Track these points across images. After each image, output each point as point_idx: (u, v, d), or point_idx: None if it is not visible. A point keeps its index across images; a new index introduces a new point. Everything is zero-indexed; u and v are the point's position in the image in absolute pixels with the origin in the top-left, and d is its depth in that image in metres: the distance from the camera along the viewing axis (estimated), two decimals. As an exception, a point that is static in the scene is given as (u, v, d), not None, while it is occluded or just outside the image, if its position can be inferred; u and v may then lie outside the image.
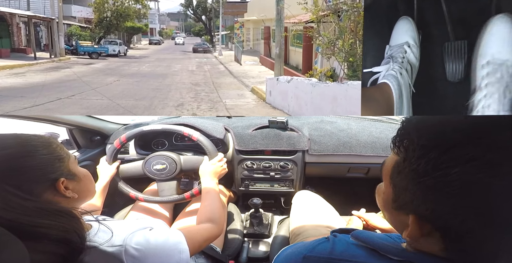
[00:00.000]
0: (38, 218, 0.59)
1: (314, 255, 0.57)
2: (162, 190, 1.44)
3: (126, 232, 0.76)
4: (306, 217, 1.35)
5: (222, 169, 1.37)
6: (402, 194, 0.50)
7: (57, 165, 0.71)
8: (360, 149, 1.72)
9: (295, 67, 8.86)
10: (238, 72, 8.90)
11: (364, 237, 0.57)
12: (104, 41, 11.19)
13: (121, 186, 1.44)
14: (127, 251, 0.73)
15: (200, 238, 0.95)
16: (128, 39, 13.36)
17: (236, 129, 1.83)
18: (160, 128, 1.43)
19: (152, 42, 15.61)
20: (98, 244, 0.70)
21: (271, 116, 1.91)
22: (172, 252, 0.80)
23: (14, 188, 0.61)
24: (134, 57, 11.27)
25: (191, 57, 12.37)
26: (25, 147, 0.68)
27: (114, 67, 9.23)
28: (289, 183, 1.84)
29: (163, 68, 9.35)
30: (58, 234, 0.60)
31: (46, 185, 0.68)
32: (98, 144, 1.91)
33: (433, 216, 0.47)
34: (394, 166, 0.51)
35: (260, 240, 1.69)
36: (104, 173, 1.37)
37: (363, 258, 0.54)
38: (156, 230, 0.83)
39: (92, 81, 6.95)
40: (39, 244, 0.57)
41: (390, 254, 0.52)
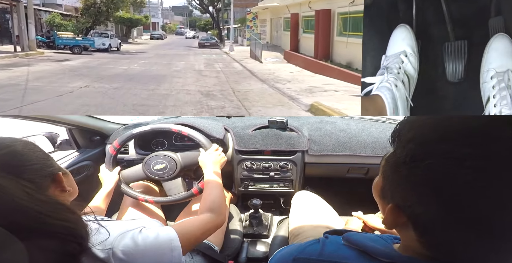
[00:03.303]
0: (51, 212, 0.59)
1: (303, 257, 0.57)
2: (169, 189, 1.43)
3: (116, 234, 0.76)
4: (305, 218, 1.35)
5: (221, 157, 1.37)
6: (387, 184, 0.53)
7: (50, 161, 0.75)
8: (359, 150, 1.72)
9: (345, 65, 6.50)
10: (262, 73, 6.79)
11: (355, 239, 0.57)
12: (93, 33, 9.39)
13: (127, 191, 1.43)
14: (114, 254, 0.72)
15: (196, 230, 0.93)
16: (126, 32, 11.71)
17: (236, 129, 1.83)
18: (149, 129, 1.43)
19: (154, 37, 14.10)
20: (91, 245, 0.70)
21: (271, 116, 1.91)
22: (163, 251, 0.79)
23: (26, 182, 0.62)
24: (128, 53, 9.55)
25: (197, 53, 10.57)
26: (23, 142, 0.71)
27: (95, 65, 7.28)
28: (288, 183, 1.84)
29: (161, 67, 7.31)
30: (63, 232, 0.59)
31: (49, 179, 0.71)
32: (97, 144, 1.91)
33: (404, 205, 0.49)
34: (386, 157, 0.55)
35: (260, 241, 1.69)
36: (108, 180, 1.37)
37: (352, 259, 0.54)
38: (146, 230, 0.81)
39: (42, 88, 4.82)
40: (44, 243, 0.56)
41: (380, 256, 0.52)
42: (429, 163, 0.45)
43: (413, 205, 0.48)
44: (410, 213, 0.49)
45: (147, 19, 12.17)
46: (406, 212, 0.49)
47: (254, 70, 7.10)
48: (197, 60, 8.84)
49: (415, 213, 0.48)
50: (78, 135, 1.86)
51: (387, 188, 0.53)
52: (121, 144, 1.43)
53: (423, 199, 0.46)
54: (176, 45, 11.96)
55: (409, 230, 0.50)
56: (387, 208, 0.52)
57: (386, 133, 1.79)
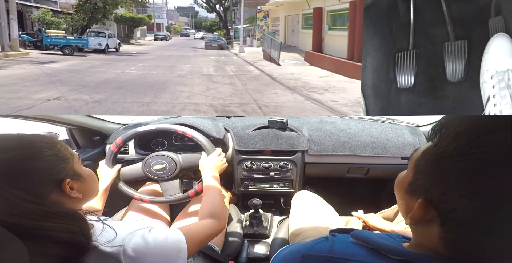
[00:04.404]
0: (45, 221, 0.58)
1: (313, 254, 0.57)
2: (165, 190, 1.44)
3: (126, 233, 0.76)
4: (305, 218, 1.35)
5: (222, 163, 1.37)
6: (420, 178, 0.52)
7: (62, 166, 0.70)
8: (359, 150, 1.72)
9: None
10: (285, 78, 5.51)
11: (364, 236, 0.57)
12: (90, 32, 8.37)
13: (123, 189, 1.44)
14: (125, 251, 0.73)
15: (201, 235, 0.94)
16: (128, 32, 10.82)
17: (236, 129, 1.83)
18: (154, 128, 1.43)
19: (158, 38, 13.13)
20: (99, 244, 0.70)
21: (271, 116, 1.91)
22: (171, 251, 0.80)
23: (20, 191, 0.59)
24: (128, 54, 8.61)
25: (204, 54, 9.48)
26: (29, 149, 0.67)
27: (84, 68, 6.13)
28: (288, 183, 1.84)
29: (163, 71, 6.07)
30: (65, 236, 0.59)
31: (52, 186, 0.68)
32: (97, 144, 1.91)
33: (439, 200, 0.48)
34: (423, 151, 0.53)
35: (260, 241, 1.68)
36: (105, 176, 1.37)
37: (363, 257, 0.53)
38: (155, 230, 0.83)
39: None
40: (45, 247, 0.57)
41: (390, 253, 0.52)
42: (478, 157, 0.44)
43: (452, 200, 0.46)
44: (443, 208, 0.48)
45: (150, 18, 11.23)
46: (439, 207, 0.48)
47: (274, 75, 5.85)
48: (204, 62, 7.67)
49: (451, 208, 0.47)
50: (78, 135, 1.86)
51: (420, 182, 0.51)
52: (124, 141, 1.43)
53: (464, 194, 0.45)
54: (182, 46, 11.03)
55: (432, 226, 0.49)
56: (417, 203, 0.50)
57: (386, 133, 1.79)
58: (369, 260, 0.53)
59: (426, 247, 0.51)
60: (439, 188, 0.48)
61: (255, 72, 6.47)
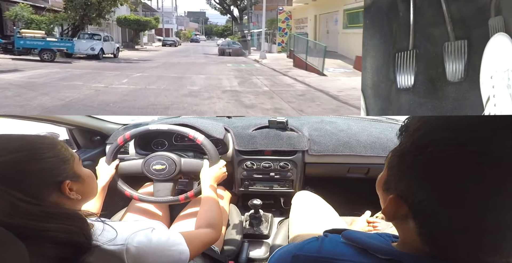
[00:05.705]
0: (45, 222, 0.59)
1: (302, 254, 0.58)
2: (157, 190, 1.44)
3: (129, 232, 0.76)
4: (305, 218, 1.35)
5: (224, 175, 1.39)
6: (391, 175, 0.54)
7: (62, 168, 0.70)
8: (360, 149, 1.72)
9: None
10: (349, 96, 3.83)
11: (353, 236, 0.58)
12: (83, 33, 6.91)
13: (118, 184, 1.44)
14: (128, 250, 0.73)
15: (199, 242, 0.97)
16: (133, 37, 9.51)
17: (236, 129, 1.83)
18: (166, 129, 1.42)
19: (166, 43, 11.77)
20: (101, 243, 0.70)
21: (271, 116, 1.91)
22: (173, 252, 0.81)
23: (20, 193, 0.60)
24: (127, 61, 7.02)
25: (218, 61, 7.72)
26: (31, 150, 0.67)
27: (48, 81, 4.12)
28: (288, 183, 1.84)
29: (167, 85, 4.15)
30: (65, 236, 0.60)
31: (52, 188, 0.68)
32: (98, 144, 1.91)
33: (407, 194, 0.50)
34: (392, 150, 0.56)
35: (260, 241, 1.68)
36: (104, 173, 1.38)
37: (351, 256, 0.54)
38: (157, 231, 0.83)
39: None
40: (46, 248, 0.57)
41: (378, 252, 0.53)
42: (432, 150, 0.46)
43: (416, 193, 0.48)
44: (411, 202, 0.49)
45: (157, 21, 10.07)
46: (408, 201, 0.50)
47: (330, 90, 4.06)
48: (222, 71, 5.83)
49: (417, 201, 0.48)
50: (78, 135, 1.86)
51: (391, 179, 0.54)
52: (132, 137, 1.43)
53: (425, 186, 0.47)
54: (192, 52, 9.50)
55: (408, 222, 0.51)
56: (388, 199, 0.52)
57: (386, 133, 1.79)
58: (356, 259, 0.54)
59: (410, 246, 0.52)
60: (405, 182, 0.50)
61: (298, 86, 4.59)
